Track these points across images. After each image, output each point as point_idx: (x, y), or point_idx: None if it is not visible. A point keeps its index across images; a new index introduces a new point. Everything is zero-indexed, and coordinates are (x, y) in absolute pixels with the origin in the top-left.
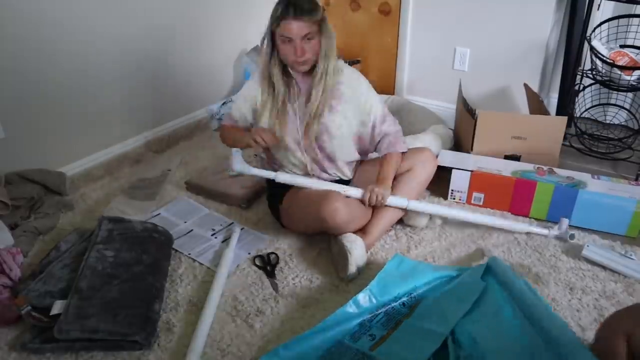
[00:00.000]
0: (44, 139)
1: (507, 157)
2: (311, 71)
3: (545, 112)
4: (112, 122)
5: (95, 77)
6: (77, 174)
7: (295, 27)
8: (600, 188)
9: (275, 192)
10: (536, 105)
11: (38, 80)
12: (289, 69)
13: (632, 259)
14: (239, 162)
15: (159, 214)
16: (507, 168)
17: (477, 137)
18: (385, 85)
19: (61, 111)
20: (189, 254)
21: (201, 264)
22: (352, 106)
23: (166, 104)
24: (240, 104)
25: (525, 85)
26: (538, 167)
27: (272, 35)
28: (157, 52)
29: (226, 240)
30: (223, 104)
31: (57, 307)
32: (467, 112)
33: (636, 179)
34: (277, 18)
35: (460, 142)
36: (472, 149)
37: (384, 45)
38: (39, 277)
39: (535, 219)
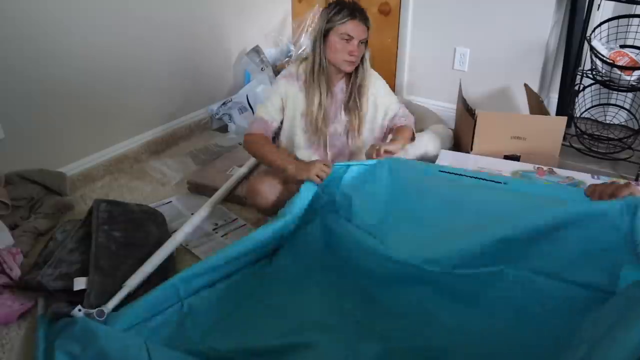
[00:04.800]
0: (44, 139)
1: (506, 157)
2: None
3: (545, 113)
4: (112, 122)
5: (95, 77)
6: (77, 174)
7: (360, 30)
8: None
9: None
10: (536, 106)
11: (38, 81)
12: (329, 68)
13: None
14: None
15: (170, 201)
16: (507, 168)
17: (476, 137)
18: None
19: (61, 111)
20: (187, 245)
21: (198, 257)
22: (372, 106)
23: (166, 104)
24: (269, 105)
25: (526, 86)
26: (538, 167)
27: (324, 35)
28: (156, 52)
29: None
30: (223, 104)
31: (80, 283)
32: (467, 112)
33: (636, 179)
34: (342, 17)
35: (460, 142)
36: (471, 149)
37: (384, 45)
38: (48, 263)
39: None
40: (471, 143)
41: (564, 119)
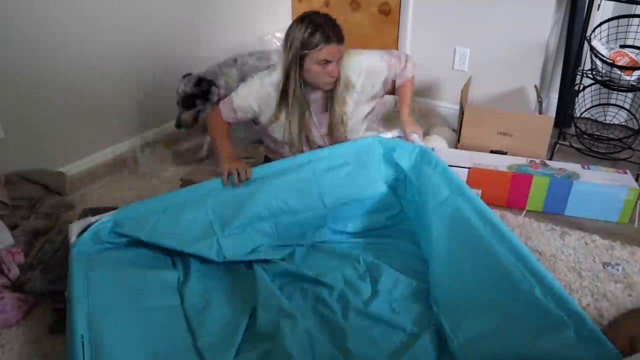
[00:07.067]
0: (44, 139)
1: (493, 153)
2: None
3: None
4: (112, 122)
5: (95, 77)
6: (77, 174)
7: (335, 51)
8: (592, 178)
9: None
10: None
11: (38, 81)
12: (308, 87)
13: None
14: None
15: None
16: (502, 163)
17: (463, 130)
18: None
19: (61, 111)
20: None
21: None
22: (359, 89)
23: (166, 104)
24: (246, 95)
25: (535, 87)
26: (531, 160)
27: (299, 58)
28: (156, 53)
29: None
30: None
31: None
32: (460, 108)
33: (636, 180)
34: (317, 43)
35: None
36: (458, 142)
37: (384, 45)
38: (39, 269)
39: (532, 211)
40: (458, 137)
41: (550, 119)
